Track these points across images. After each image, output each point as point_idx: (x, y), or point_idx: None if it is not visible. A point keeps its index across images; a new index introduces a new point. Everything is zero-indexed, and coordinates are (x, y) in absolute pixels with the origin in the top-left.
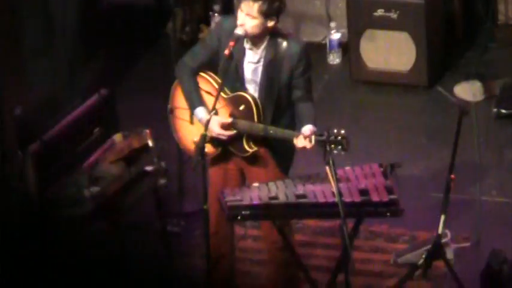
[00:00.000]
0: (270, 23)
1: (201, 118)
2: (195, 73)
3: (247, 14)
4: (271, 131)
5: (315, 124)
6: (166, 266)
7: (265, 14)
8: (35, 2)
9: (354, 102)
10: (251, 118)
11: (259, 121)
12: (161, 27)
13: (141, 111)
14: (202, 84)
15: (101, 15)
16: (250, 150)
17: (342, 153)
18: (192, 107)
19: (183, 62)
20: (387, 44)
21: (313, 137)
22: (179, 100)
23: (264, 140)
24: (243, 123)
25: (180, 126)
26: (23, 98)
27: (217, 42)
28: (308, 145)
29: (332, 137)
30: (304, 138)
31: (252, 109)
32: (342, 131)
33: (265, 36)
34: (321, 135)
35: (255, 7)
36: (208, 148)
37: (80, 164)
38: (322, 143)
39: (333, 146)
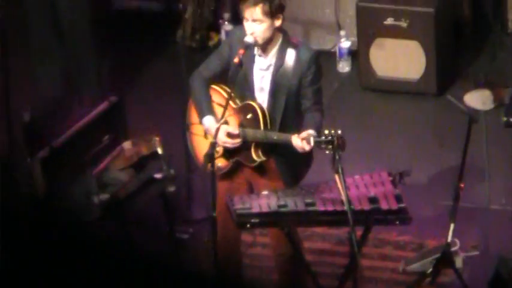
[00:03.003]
0: (278, 22)
1: (208, 127)
2: (207, 83)
3: (254, 20)
4: (274, 136)
5: (317, 130)
6: (174, 272)
7: (271, 14)
8: (44, 8)
9: (364, 110)
10: (258, 126)
11: (265, 129)
12: (171, 34)
13: (151, 118)
14: (215, 97)
15: (110, 21)
16: (258, 160)
17: (340, 153)
18: (200, 116)
19: (198, 71)
20: (397, 53)
21: (311, 139)
22: (194, 116)
23: (274, 152)
24: (249, 132)
25: (196, 142)
26: (32, 105)
27: (229, 51)
28: (306, 147)
29: (329, 138)
30: (300, 139)
31: (259, 117)
32: (339, 131)
33: (277, 39)
34: (319, 135)
35: (258, 10)
36: (221, 162)
37: (89, 170)
38: (319, 144)
39: (330, 146)
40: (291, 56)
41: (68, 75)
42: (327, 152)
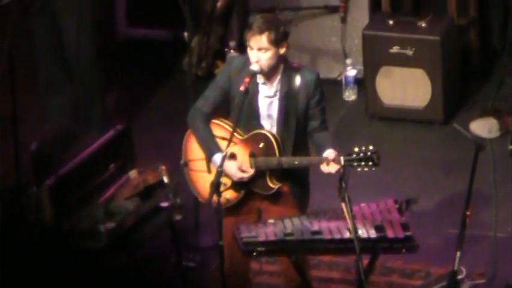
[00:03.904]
0: (282, 50)
1: (219, 164)
2: (208, 118)
3: (259, 49)
4: (295, 162)
5: (334, 148)
6: None
7: (276, 42)
8: (51, 37)
9: (370, 138)
10: (272, 154)
11: (280, 155)
12: (177, 62)
13: (157, 146)
14: (216, 131)
15: (117, 50)
16: (275, 187)
17: (373, 169)
18: (209, 154)
19: (196, 107)
20: (403, 81)
21: (341, 158)
22: (192, 152)
23: (286, 176)
24: (263, 161)
25: (198, 178)
26: (39, 133)
27: (228, 82)
28: (335, 169)
29: (361, 154)
30: (330, 162)
31: (272, 145)
32: (370, 147)
33: (280, 66)
34: (349, 154)
35: (264, 39)
36: (230, 194)
37: (96, 198)
38: (352, 162)
39: (363, 163)
40: (296, 79)
41: (74, 103)
42: (359, 169)
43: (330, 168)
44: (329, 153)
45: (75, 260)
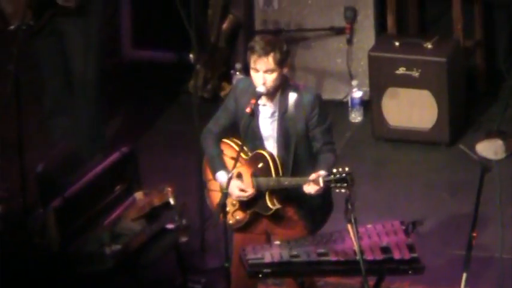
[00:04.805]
0: (285, 70)
1: (221, 182)
2: (218, 138)
3: (266, 71)
4: (285, 182)
5: (328, 170)
6: None
7: (281, 63)
8: (56, 61)
9: (376, 159)
10: (270, 174)
11: (276, 175)
12: (183, 84)
13: (163, 168)
14: (227, 151)
15: (122, 71)
16: (273, 208)
17: (347, 191)
18: (213, 172)
19: (207, 128)
20: (409, 102)
21: (320, 179)
22: (209, 172)
23: (292, 199)
24: (261, 180)
25: (215, 198)
26: (45, 155)
27: (235, 104)
28: (314, 189)
29: (337, 176)
30: (310, 183)
31: (269, 165)
32: (346, 168)
33: (280, 87)
34: (328, 175)
35: (271, 60)
36: (239, 215)
37: (102, 221)
38: (330, 183)
39: (338, 184)
40: (293, 99)
41: (80, 125)
42: (337, 191)
43: (310, 188)
44: (313, 174)
45: (81, 284)
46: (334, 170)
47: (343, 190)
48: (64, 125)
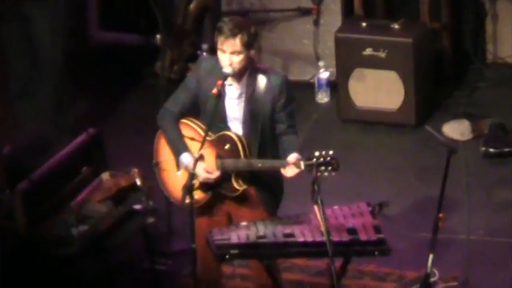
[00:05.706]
0: (252, 52)
1: (187, 164)
2: (177, 119)
3: (233, 52)
4: (258, 164)
5: (300, 153)
6: None
7: (248, 45)
8: (22, 44)
9: (343, 141)
10: (237, 156)
11: (245, 157)
12: (150, 65)
13: (130, 149)
14: (185, 131)
15: (89, 53)
16: (240, 189)
17: (333, 174)
18: (177, 154)
19: (165, 108)
20: (376, 83)
21: (301, 163)
22: (162, 153)
23: (253, 179)
24: (229, 162)
25: (168, 178)
26: (11, 138)
27: (197, 84)
28: (294, 172)
29: (321, 159)
30: (291, 165)
31: (237, 146)
32: (330, 152)
33: (247, 69)
34: (309, 158)
35: (238, 42)
36: (199, 194)
37: (68, 203)
38: (311, 167)
39: (323, 168)
40: (261, 82)
41: (46, 107)
42: (319, 174)
43: (288, 171)
44: (291, 157)
45: (48, 266)
46: (317, 154)
47: (326, 174)
48: (31, 108)
